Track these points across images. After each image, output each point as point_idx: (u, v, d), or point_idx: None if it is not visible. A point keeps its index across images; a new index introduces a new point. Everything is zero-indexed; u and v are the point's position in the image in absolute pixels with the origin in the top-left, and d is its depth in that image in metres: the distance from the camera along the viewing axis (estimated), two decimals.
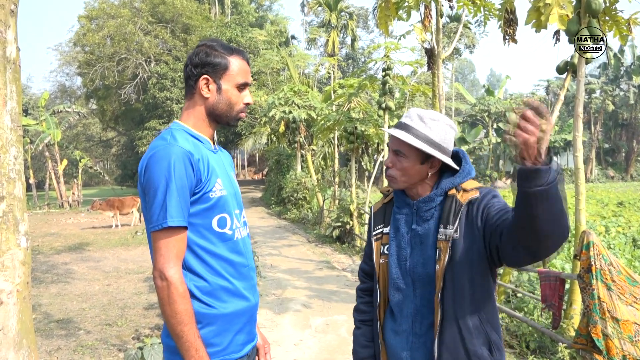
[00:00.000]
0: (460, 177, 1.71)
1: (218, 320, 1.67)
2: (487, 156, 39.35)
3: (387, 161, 1.75)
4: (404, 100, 11.52)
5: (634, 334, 3.47)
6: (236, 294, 1.72)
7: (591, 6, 4.35)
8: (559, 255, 9.40)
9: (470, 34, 36.77)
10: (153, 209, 1.58)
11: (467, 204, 1.65)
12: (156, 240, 1.58)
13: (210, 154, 1.74)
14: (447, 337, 1.62)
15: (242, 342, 1.75)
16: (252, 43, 28.07)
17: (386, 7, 6.22)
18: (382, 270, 1.80)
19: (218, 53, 1.72)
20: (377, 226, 1.86)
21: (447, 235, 1.64)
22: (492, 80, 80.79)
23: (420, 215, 1.73)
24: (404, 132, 1.69)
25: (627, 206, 17.97)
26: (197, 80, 1.72)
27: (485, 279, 1.66)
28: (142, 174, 1.63)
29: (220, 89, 1.73)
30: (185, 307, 1.57)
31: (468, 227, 1.63)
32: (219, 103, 1.75)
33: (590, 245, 3.68)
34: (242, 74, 1.76)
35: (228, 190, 1.74)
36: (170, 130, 1.70)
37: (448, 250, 1.62)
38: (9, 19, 2.29)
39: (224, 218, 1.71)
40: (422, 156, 1.70)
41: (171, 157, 1.58)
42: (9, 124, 2.28)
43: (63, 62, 32.92)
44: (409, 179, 1.73)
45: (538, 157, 1.28)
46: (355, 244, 11.27)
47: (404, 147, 1.69)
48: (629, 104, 38.84)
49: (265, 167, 36.47)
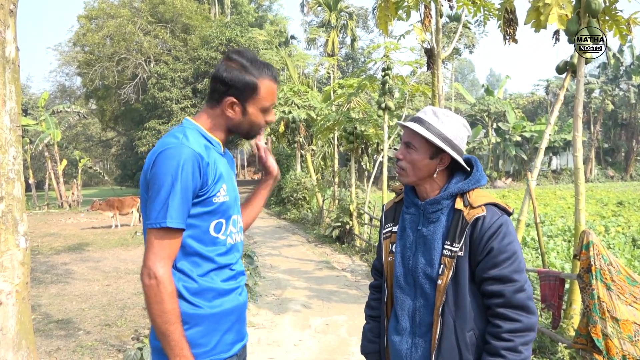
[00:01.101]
0: (469, 183, 1.72)
1: (205, 321, 1.67)
2: (486, 156, 39.36)
3: (398, 153, 1.77)
4: (403, 100, 11.51)
5: (634, 334, 3.47)
6: (224, 294, 1.72)
7: (591, 6, 4.34)
8: (559, 255, 9.40)
9: (470, 33, 36.79)
10: (154, 206, 1.57)
11: (473, 222, 1.65)
12: (151, 237, 1.58)
13: (219, 157, 1.74)
14: (445, 349, 1.65)
15: (231, 341, 1.75)
16: (252, 43, 28.04)
17: (386, 7, 6.22)
18: (390, 268, 1.83)
19: (249, 74, 1.69)
20: (387, 224, 1.89)
21: (452, 252, 1.65)
22: (492, 80, 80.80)
23: (427, 216, 1.74)
24: (416, 124, 1.71)
25: (626, 206, 17.98)
26: (222, 98, 1.70)
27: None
28: (149, 169, 1.62)
29: (245, 111, 1.72)
30: (173, 306, 1.57)
31: (472, 246, 1.65)
32: (242, 124, 1.75)
33: (589, 245, 3.68)
34: (270, 97, 1.74)
35: (230, 196, 1.75)
36: (183, 129, 1.69)
37: (452, 267, 1.64)
38: (8, 19, 2.29)
39: (220, 223, 1.71)
40: (432, 150, 1.70)
41: (181, 157, 1.57)
42: (8, 124, 2.28)
43: (63, 62, 32.93)
44: (417, 173, 1.73)
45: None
46: (355, 244, 11.27)
47: (416, 139, 1.71)
48: (628, 103, 38.86)
49: None
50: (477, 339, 1.66)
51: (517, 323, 1.59)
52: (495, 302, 1.62)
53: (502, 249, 1.62)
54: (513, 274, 1.61)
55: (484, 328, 1.67)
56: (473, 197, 1.70)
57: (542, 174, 37.61)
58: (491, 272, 1.62)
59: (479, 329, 1.67)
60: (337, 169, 14.89)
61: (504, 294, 1.61)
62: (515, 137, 36.81)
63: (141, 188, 1.68)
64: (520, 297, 1.61)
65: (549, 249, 9.82)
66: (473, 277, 1.67)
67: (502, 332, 1.59)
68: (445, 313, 1.65)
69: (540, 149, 5.57)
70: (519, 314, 1.60)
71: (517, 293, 1.61)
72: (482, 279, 1.64)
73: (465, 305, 1.65)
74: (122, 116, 32.72)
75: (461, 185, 1.72)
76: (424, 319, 1.71)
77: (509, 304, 1.60)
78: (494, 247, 1.62)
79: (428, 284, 1.70)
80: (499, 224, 1.64)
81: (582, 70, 4.62)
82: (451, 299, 1.65)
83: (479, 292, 1.68)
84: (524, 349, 1.58)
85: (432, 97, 6.66)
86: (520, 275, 1.63)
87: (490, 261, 1.62)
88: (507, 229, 1.65)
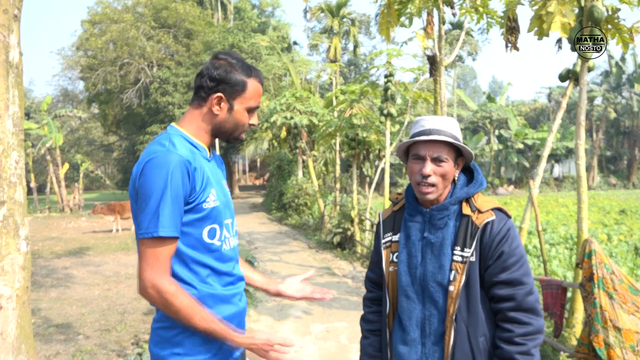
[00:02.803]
0: (474, 187, 1.73)
1: None
2: (488, 163, 39.32)
3: (425, 170, 1.69)
4: (405, 107, 11.54)
5: (636, 344, 3.45)
6: (224, 300, 1.72)
7: (593, 14, 4.35)
8: (561, 263, 9.37)
9: (473, 41, 36.88)
10: (144, 216, 1.55)
11: (483, 227, 1.66)
12: (144, 248, 1.56)
13: (205, 163, 1.72)
14: (459, 356, 1.64)
15: (232, 348, 1.74)
16: (255, 48, 28.15)
17: (388, 13, 6.23)
18: (392, 279, 1.80)
19: (238, 72, 1.70)
20: (385, 234, 1.85)
21: (463, 257, 1.65)
22: (494, 87, 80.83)
23: (433, 223, 1.73)
24: (440, 135, 1.68)
25: (629, 214, 17.93)
26: (210, 95, 1.70)
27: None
28: (136, 178, 1.60)
29: (232, 109, 1.72)
30: (184, 302, 1.56)
31: (482, 251, 1.66)
32: (227, 122, 1.74)
33: (592, 254, 3.66)
34: (256, 98, 1.75)
35: (221, 200, 1.73)
36: (169, 136, 1.68)
37: (464, 272, 1.64)
38: (12, 24, 2.29)
39: (214, 229, 1.70)
40: (455, 157, 1.73)
41: (170, 165, 1.56)
42: (11, 129, 2.28)
43: (66, 67, 33.05)
44: (446, 184, 1.73)
45: None
46: (356, 251, 11.24)
47: (444, 151, 1.69)
48: (631, 111, 38.83)
49: (266, 172, 36.45)
50: (488, 344, 1.65)
51: (528, 326, 1.60)
52: (507, 306, 1.62)
53: (511, 253, 1.63)
54: (523, 277, 1.63)
55: (493, 333, 1.66)
56: (479, 202, 1.71)
57: (544, 182, 37.56)
58: (501, 275, 1.63)
59: (489, 334, 1.66)
60: (338, 175, 14.88)
61: (515, 298, 1.61)
62: (517, 144, 36.77)
63: (131, 198, 1.66)
64: (530, 299, 1.62)
65: (551, 257, 9.78)
66: (482, 282, 1.67)
67: (514, 336, 1.59)
68: (458, 320, 1.64)
69: (543, 156, 5.56)
70: (530, 317, 1.61)
71: (527, 296, 1.62)
72: (492, 283, 1.65)
73: (477, 311, 1.64)
74: (124, 120, 32.80)
75: (467, 189, 1.73)
76: (435, 328, 1.69)
77: (520, 307, 1.61)
78: (504, 251, 1.63)
79: (439, 291, 1.68)
80: (507, 227, 1.66)
81: (584, 78, 4.62)
82: (464, 305, 1.64)
83: (486, 297, 1.68)
84: (535, 352, 1.60)
85: (435, 104, 6.66)
86: (529, 278, 1.65)
87: (500, 265, 1.63)
88: (514, 232, 1.67)
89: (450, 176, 1.72)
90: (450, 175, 1.71)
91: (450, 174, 1.71)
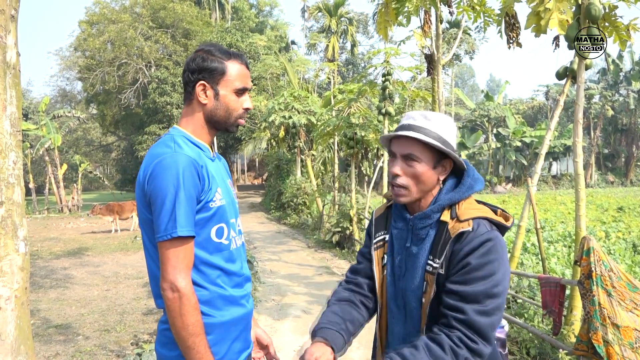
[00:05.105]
0: (459, 192, 1.54)
1: (216, 329, 1.65)
2: (486, 161, 39.37)
3: (392, 169, 1.55)
4: (403, 106, 11.52)
5: (635, 340, 3.46)
6: (233, 301, 1.71)
7: (591, 12, 4.36)
8: (560, 260, 9.38)
9: (470, 39, 36.87)
10: (161, 218, 1.54)
11: (456, 237, 1.48)
12: (165, 250, 1.55)
13: (209, 162, 1.72)
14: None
15: (239, 349, 1.74)
16: (252, 48, 28.16)
17: (386, 12, 6.24)
18: (383, 285, 1.69)
19: (215, 58, 1.69)
20: (378, 233, 1.73)
21: (433, 267, 1.50)
22: (492, 86, 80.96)
23: (415, 233, 1.57)
24: (411, 131, 1.52)
25: (627, 211, 17.95)
26: (194, 87, 1.70)
27: None
28: (146, 182, 1.58)
29: (217, 94, 1.71)
30: (197, 318, 1.56)
31: (451, 263, 1.48)
32: (217, 109, 1.72)
33: (590, 251, 3.67)
34: (241, 79, 1.73)
35: (226, 200, 1.73)
36: (172, 137, 1.67)
37: (434, 284, 1.50)
38: (9, 24, 2.29)
39: (221, 228, 1.69)
40: (435, 159, 1.54)
41: (179, 166, 1.55)
42: (9, 129, 2.28)
43: (64, 67, 33.11)
44: (421, 188, 1.55)
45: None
46: (355, 250, 11.24)
47: (417, 149, 1.52)
48: (628, 109, 38.91)
49: (265, 172, 36.48)
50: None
51: (472, 343, 1.39)
52: (455, 316, 1.42)
53: (478, 267, 1.42)
54: (481, 296, 1.40)
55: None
56: (462, 208, 1.52)
57: (542, 179, 37.61)
58: (458, 287, 1.43)
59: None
60: (337, 174, 14.88)
61: (464, 311, 1.40)
62: (515, 142, 36.82)
63: (138, 201, 1.65)
64: (483, 321, 1.39)
65: (550, 254, 9.80)
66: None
67: (454, 337, 1.41)
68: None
69: (541, 154, 5.57)
70: (477, 338, 1.39)
71: (480, 315, 1.39)
72: (447, 291, 1.46)
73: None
74: (123, 121, 32.80)
75: (451, 195, 1.54)
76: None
77: (467, 322, 1.40)
78: (471, 263, 1.43)
79: (416, 306, 1.56)
80: (484, 239, 1.44)
81: (582, 76, 4.62)
82: (434, 318, 1.50)
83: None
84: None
85: (432, 103, 6.66)
86: (492, 301, 1.41)
87: (462, 277, 1.44)
88: (492, 246, 1.44)
89: (427, 179, 1.53)
90: (425, 178, 1.53)
91: (425, 177, 1.53)
